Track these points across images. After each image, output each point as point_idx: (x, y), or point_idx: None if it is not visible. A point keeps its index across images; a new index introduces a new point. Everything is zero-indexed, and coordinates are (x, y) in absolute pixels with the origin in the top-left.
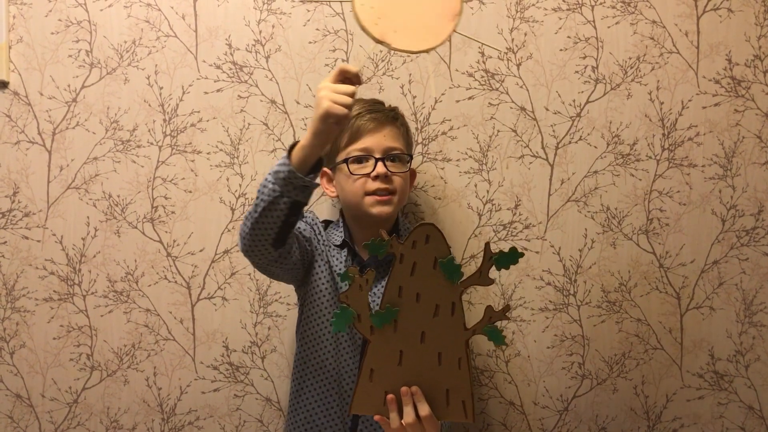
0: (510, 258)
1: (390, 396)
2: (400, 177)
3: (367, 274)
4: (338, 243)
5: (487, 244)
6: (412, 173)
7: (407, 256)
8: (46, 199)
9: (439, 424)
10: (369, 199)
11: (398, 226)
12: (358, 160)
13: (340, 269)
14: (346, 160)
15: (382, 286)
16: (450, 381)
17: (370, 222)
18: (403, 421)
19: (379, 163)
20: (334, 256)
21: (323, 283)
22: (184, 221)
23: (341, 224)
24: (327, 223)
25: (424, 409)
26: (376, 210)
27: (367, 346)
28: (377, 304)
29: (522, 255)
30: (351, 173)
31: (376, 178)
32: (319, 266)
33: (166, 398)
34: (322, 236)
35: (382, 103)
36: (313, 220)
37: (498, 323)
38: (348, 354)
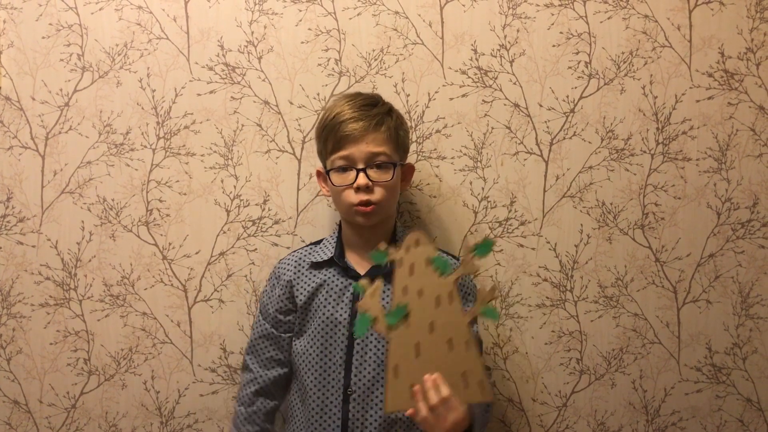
0: (485, 246)
1: (416, 387)
2: (383, 186)
3: (376, 282)
4: (319, 260)
5: (465, 238)
6: (410, 168)
7: (405, 259)
8: (41, 204)
9: (461, 406)
10: (354, 210)
11: (396, 232)
12: (343, 169)
13: (327, 282)
14: (329, 171)
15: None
16: (463, 364)
17: (362, 228)
18: (429, 404)
19: (361, 174)
20: (315, 275)
21: (319, 309)
22: (179, 224)
23: (335, 238)
24: (318, 243)
25: (444, 391)
26: (361, 221)
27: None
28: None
29: (494, 242)
30: (333, 185)
31: (358, 189)
32: (303, 303)
33: (165, 402)
34: (292, 286)
35: (374, 103)
36: (282, 270)
37: (491, 304)
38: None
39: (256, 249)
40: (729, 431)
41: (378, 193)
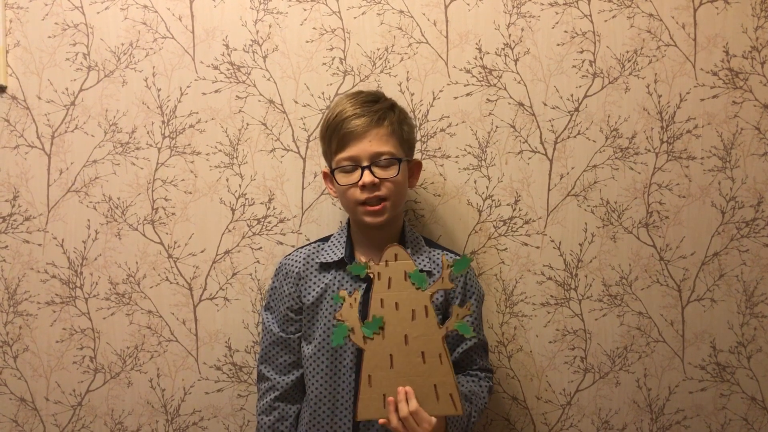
0: (463, 262)
1: (390, 399)
2: (391, 182)
3: (354, 294)
4: (329, 260)
5: (443, 257)
6: (418, 165)
7: (383, 273)
8: (47, 203)
9: (431, 418)
10: (361, 209)
11: (404, 231)
12: (347, 169)
13: (331, 287)
14: (335, 170)
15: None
16: (435, 376)
17: (370, 228)
18: (399, 415)
19: (366, 172)
20: (323, 276)
21: (322, 312)
22: (185, 222)
23: (344, 237)
24: (326, 239)
25: (412, 405)
26: (369, 220)
27: (362, 356)
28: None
29: (471, 259)
30: (339, 184)
31: (364, 187)
32: (310, 304)
33: (170, 399)
34: (301, 282)
35: (375, 99)
36: (288, 273)
37: (465, 318)
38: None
39: (261, 247)
40: (733, 430)
41: (385, 190)
